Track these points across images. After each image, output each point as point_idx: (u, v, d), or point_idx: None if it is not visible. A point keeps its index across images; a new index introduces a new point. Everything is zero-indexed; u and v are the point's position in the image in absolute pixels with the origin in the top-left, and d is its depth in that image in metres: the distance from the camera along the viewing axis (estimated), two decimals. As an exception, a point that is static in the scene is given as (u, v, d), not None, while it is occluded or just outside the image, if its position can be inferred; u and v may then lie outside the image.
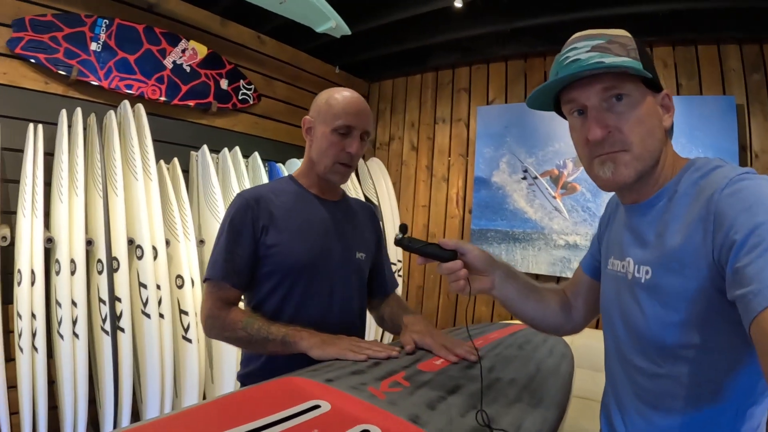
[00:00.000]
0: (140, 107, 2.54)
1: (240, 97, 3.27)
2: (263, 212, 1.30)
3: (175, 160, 2.81)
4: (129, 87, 2.65)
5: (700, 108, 2.87)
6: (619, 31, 0.84)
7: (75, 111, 2.35)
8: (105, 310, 2.26)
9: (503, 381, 1.05)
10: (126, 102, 2.50)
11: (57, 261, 2.19)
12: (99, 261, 2.28)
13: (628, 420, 0.88)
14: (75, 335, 2.17)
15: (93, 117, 2.43)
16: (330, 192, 1.44)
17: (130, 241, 2.36)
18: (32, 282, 2.08)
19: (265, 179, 3.14)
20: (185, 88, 2.93)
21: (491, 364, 1.16)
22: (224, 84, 3.16)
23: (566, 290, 1.16)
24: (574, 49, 0.83)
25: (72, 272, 2.19)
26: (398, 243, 1.06)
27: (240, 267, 1.28)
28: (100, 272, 2.27)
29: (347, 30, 2.96)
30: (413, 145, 4.21)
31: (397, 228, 1.09)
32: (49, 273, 2.22)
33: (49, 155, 2.31)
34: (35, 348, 2.08)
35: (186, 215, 2.66)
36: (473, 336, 1.43)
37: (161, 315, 2.40)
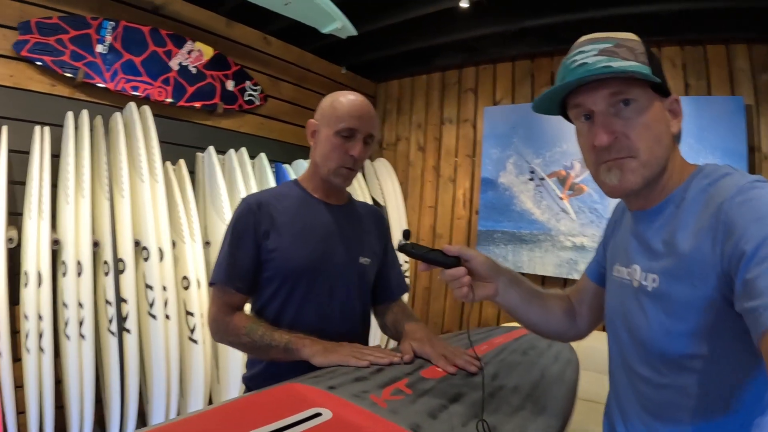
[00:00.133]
0: (146, 109, 2.54)
1: (246, 98, 3.27)
2: (265, 217, 1.30)
3: (182, 162, 2.82)
4: (135, 89, 2.66)
5: (709, 108, 2.84)
6: (628, 35, 0.83)
7: (81, 113, 2.36)
8: (111, 312, 2.27)
9: (506, 388, 1.04)
10: (132, 104, 2.51)
11: (63, 262, 2.20)
12: (105, 262, 2.29)
13: (631, 429, 0.86)
14: (81, 336, 2.18)
15: (99, 119, 2.44)
16: (335, 196, 1.43)
17: (137, 243, 2.37)
18: (39, 283, 2.09)
19: (272, 180, 3.15)
20: (191, 90, 2.94)
21: (495, 371, 1.15)
22: (230, 85, 3.16)
23: (571, 296, 1.14)
24: (581, 53, 0.82)
25: (78, 274, 2.19)
26: (401, 249, 1.05)
27: (243, 272, 1.29)
28: (107, 274, 2.28)
29: (353, 31, 2.95)
30: (420, 146, 4.20)
31: (401, 232, 1.08)
32: (56, 274, 2.23)
33: (56, 157, 2.32)
34: (42, 349, 2.09)
35: (192, 217, 2.67)
36: (477, 341, 1.42)
37: (167, 316, 2.41)
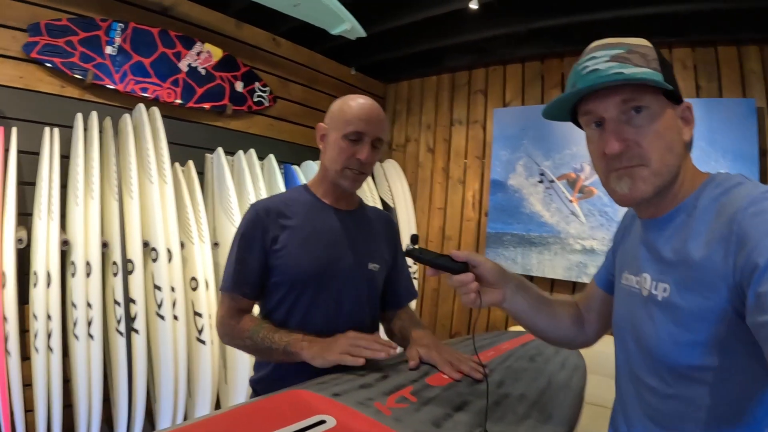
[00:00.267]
0: (155, 110, 2.56)
1: (255, 100, 3.28)
2: (273, 223, 1.30)
3: (190, 163, 2.83)
4: (144, 90, 2.67)
5: (720, 111, 2.80)
6: (640, 41, 0.82)
7: (90, 114, 2.37)
8: (120, 312, 2.28)
9: (512, 396, 1.03)
10: (141, 105, 2.52)
11: (72, 263, 2.21)
12: (114, 263, 2.30)
13: None
14: (90, 336, 2.20)
15: (108, 120, 2.46)
16: (344, 201, 1.42)
17: (145, 244, 2.38)
18: (48, 284, 2.11)
19: (280, 181, 3.15)
20: (200, 91, 2.95)
21: (501, 378, 1.14)
22: (239, 86, 3.17)
23: (579, 303, 1.13)
24: (593, 59, 0.81)
25: (87, 274, 2.21)
26: (409, 254, 1.04)
27: (250, 278, 1.30)
28: (115, 274, 2.30)
29: (362, 32, 2.95)
30: (429, 147, 4.19)
31: (409, 237, 1.07)
32: (65, 275, 2.24)
33: (65, 158, 2.33)
34: (50, 348, 2.11)
35: (200, 218, 2.68)
36: (484, 346, 1.41)
37: (175, 317, 2.42)
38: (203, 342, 2.55)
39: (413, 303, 1.61)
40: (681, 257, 0.77)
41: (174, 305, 2.41)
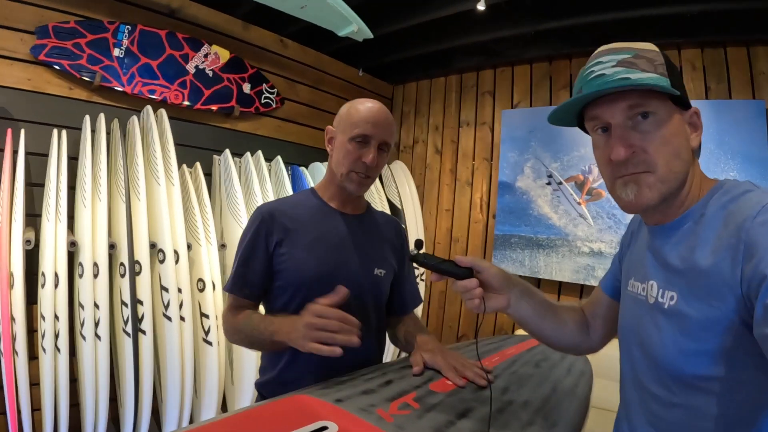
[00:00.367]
0: (162, 112, 2.56)
1: (263, 101, 3.28)
2: (277, 226, 1.30)
3: (198, 165, 2.83)
4: (152, 92, 2.69)
5: (729, 113, 2.77)
6: (647, 45, 0.81)
7: (98, 116, 2.38)
8: (127, 313, 2.29)
9: (516, 403, 1.02)
10: (149, 107, 2.53)
11: (80, 264, 2.22)
12: (121, 264, 2.31)
13: None
14: (97, 337, 2.21)
15: (116, 122, 2.47)
16: (351, 205, 1.41)
17: (152, 245, 2.39)
18: (56, 284, 2.12)
19: (288, 183, 3.15)
20: (208, 93, 2.95)
21: (505, 384, 1.13)
22: (247, 88, 3.17)
23: (585, 309, 1.12)
24: (599, 64, 0.80)
25: (95, 275, 2.22)
26: (413, 259, 1.04)
27: (253, 280, 1.30)
28: (123, 275, 2.30)
29: (369, 34, 2.94)
30: (437, 149, 4.18)
31: (414, 242, 1.06)
32: (73, 276, 2.26)
33: (73, 160, 2.35)
34: (58, 348, 2.12)
35: (208, 219, 2.68)
36: (489, 351, 1.40)
37: (182, 318, 2.42)
38: (210, 343, 2.55)
39: (419, 307, 1.60)
40: (688, 265, 0.76)
41: (181, 306, 2.42)
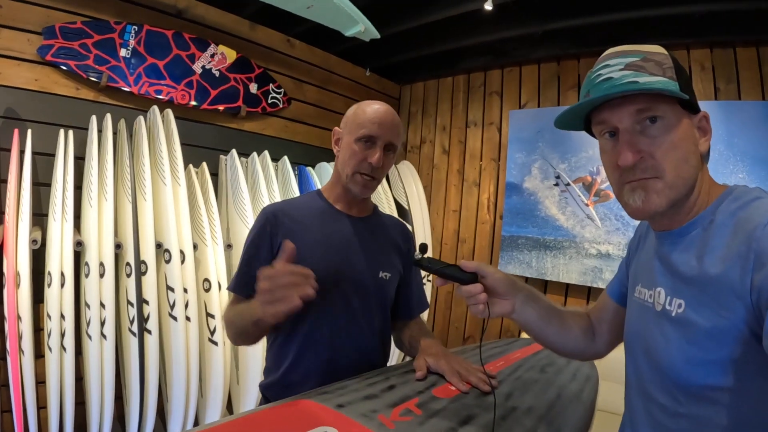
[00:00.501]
0: (169, 112, 2.56)
1: (269, 101, 3.28)
2: (281, 227, 1.29)
3: (204, 165, 2.83)
4: (158, 92, 2.69)
5: (739, 114, 2.72)
6: (655, 48, 0.79)
7: (105, 116, 2.39)
8: (132, 312, 2.29)
9: (520, 409, 1.01)
10: (155, 107, 2.53)
11: (86, 264, 2.23)
12: (127, 264, 2.32)
13: None
14: (103, 336, 2.21)
15: (123, 122, 2.48)
16: (357, 207, 1.40)
17: (158, 245, 2.39)
18: (62, 284, 2.13)
19: (294, 183, 3.14)
20: (214, 93, 2.96)
21: (509, 390, 1.11)
22: (253, 88, 3.17)
23: (590, 314, 1.11)
24: (607, 67, 0.78)
25: (101, 275, 2.23)
26: (417, 263, 1.03)
27: (255, 280, 1.28)
28: (129, 275, 2.31)
29: (376, 34, 2.93)
30: (444, 149, 4.16)
31: (418, 246, 1.05)
32: (79, 275, 2.27)
33: (80, 160, 2.35)
34: (64, 347, 2.13)
35: (214, 219, 2.68)
36: (494, 355, 1.39)
37: (188, 318, 2.43)
38: (215, 343, 2.56)
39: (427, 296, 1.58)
40: (696, 273, 0.74)
41: (186, 306, 2.42)
